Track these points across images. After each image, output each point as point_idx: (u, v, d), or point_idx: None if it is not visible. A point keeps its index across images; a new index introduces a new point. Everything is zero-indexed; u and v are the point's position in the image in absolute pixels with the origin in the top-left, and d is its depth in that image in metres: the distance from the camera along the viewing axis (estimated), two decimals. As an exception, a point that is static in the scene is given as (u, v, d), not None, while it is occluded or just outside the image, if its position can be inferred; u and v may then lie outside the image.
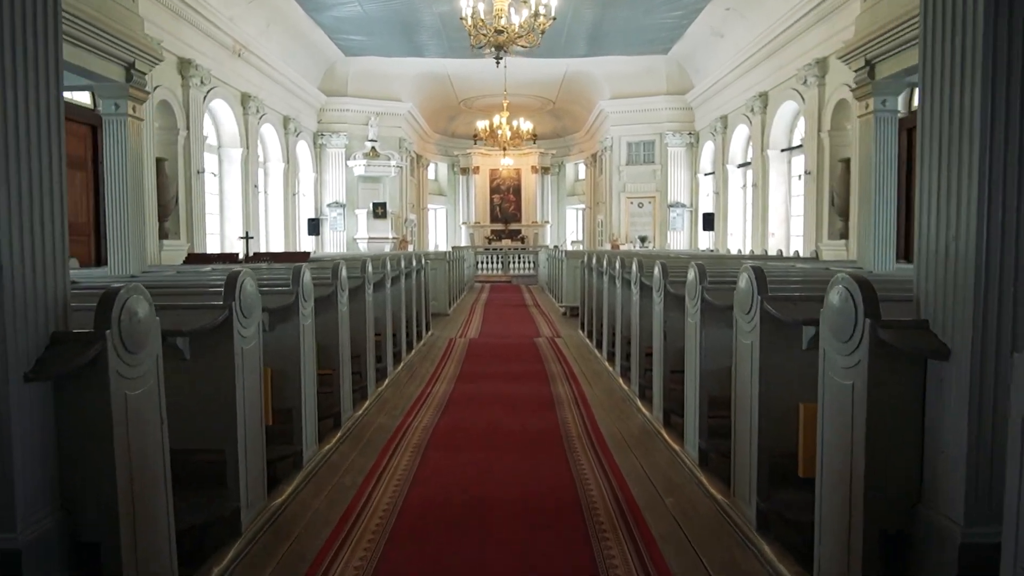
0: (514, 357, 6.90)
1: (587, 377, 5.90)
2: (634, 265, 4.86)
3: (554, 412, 4.77)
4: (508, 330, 9.07)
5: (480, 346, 7.63)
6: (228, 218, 15.87)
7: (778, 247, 15.55)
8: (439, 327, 9.44)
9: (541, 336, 8.47)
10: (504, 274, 21.27)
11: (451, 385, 5.61)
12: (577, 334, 8.59)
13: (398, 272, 6.29)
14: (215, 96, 14.37)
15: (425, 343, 7.82)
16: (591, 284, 7.70)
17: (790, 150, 15.68)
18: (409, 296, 7.00)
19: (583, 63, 21.15)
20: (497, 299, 14.41)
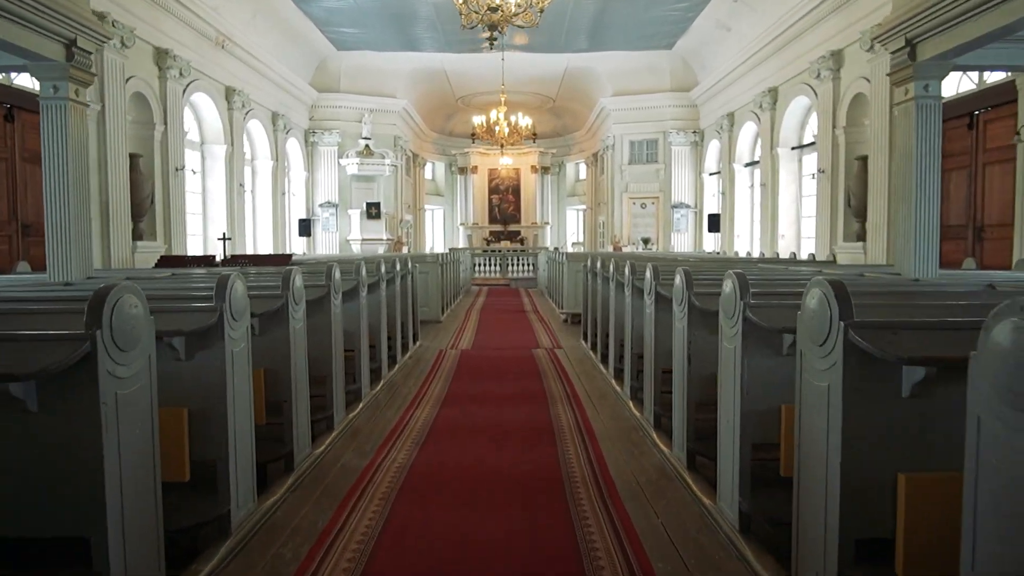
0: (509, 373, 6.17)
1: (592, 399, 5.16)
2: (648, 272, 4.15)
3: (554, 446, 4.03)
4: (504, 340, 8.34)
5: (472, 359, 6.90)
6: (211, 218, 15.13)
7: (789, 249, 14.82)
8: (429, 336, 8.71)
9: (540, 347, 7.73)
10: (502, 277, 20.53)
11: (435, 410, 4.85)
12: (579, 345, 7.85)
13: (376, 279, 5.56)
14: (196, 89, 13.64)
15: (412, 356, 7.08)
16: (595, 291, 6.97)
17: (801, 148, 14.96)
18: (392, 305, 6.27)
19: (584, 58, 20.43)
20: (494, 304, 13.67)
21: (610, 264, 5.61)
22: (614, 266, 5.51)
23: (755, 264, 8.13)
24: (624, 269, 5.01)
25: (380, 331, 5.62)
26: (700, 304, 3.26)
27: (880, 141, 10.86)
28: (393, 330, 6.36)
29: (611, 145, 22.22)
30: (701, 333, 3.38)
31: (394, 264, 6.34)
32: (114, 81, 10.54)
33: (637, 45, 19.50)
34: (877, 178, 11.00)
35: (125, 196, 10.95)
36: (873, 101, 11.07)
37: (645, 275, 4.14)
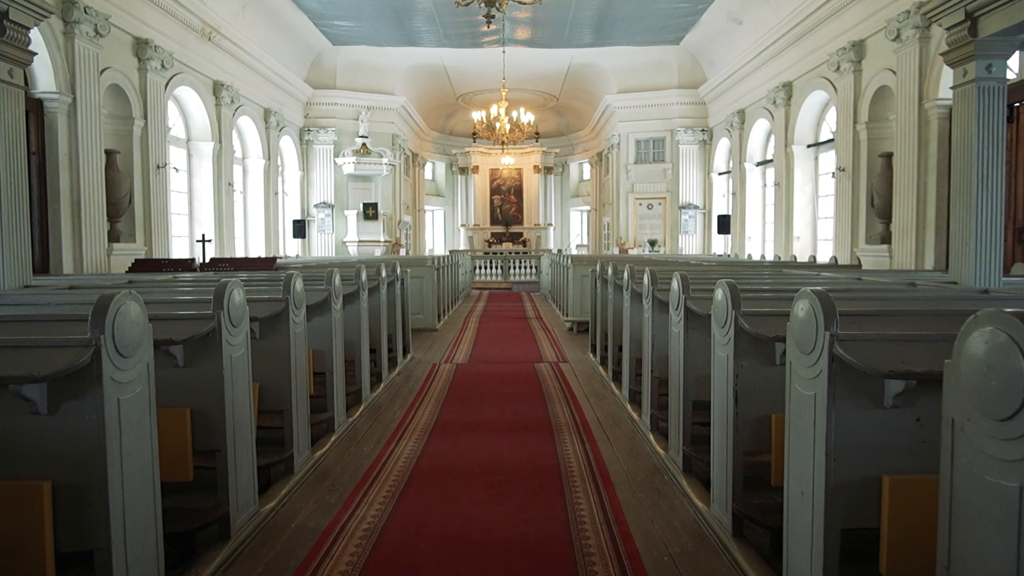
0: (509, 395, 5.44)
1: (604, 428, 4.43)
2: (675, 282, 3.41)
3: (561, 496, 3.30)
4: (504, 352, 7.61)
5: (468, 376, 6.18)
6: (198, 219, 14.43)
7: (805, 252, 14.08)
8: (423, 347, 7.98)
9: (543, 361, 7.00)
10: (504, 280, 19.80)
11: (421, 443, 4.13)
12: (587, 359, 7.12)
13: (356, 288, 4.83)
14: (180, 83, 12.94)
15: (401, 372, 6.35)
16: (605, 299, 6.24)
17: (817, 145, 14.21)
18: (376, 316, 5.55)
19: (589, 54, 19.71)
20: (494, 310, 12.94)
21: (624, 271, 4.89)
22: (629, 273, 4.79)
23: (782, 269, 7.40)
24: (643, 278, 4.28)
25: (361, 347, 4.90)
26: (752, 328, 2.55)
27: (908, 136, 10.12)
28: (378, 344, 5.64)
29: (616, 144, 21.49)
30: (752, 362, 2.66)
31: (379, 271, 5.62)
32: (87, 72, 9.84)
33: (643, 40, 18.79)
34: (904, 176, 10.26)
35: (100, 195, 10.24)
36: (899, 94, 10.33)
37: (672, 286, 3.42)
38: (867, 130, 11.52)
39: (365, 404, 4.95)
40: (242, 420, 2.89)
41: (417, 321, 9.39)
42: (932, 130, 9.73)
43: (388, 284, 6.15)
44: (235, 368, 2.83)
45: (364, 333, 4.94)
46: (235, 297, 2.88)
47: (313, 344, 4.04)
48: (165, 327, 2.63)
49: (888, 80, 10.80)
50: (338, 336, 4.22)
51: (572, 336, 9.01)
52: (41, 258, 9.47)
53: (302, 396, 3.48)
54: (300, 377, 3.48)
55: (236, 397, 2.84)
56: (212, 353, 2.72)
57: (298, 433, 3.44)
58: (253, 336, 3.12)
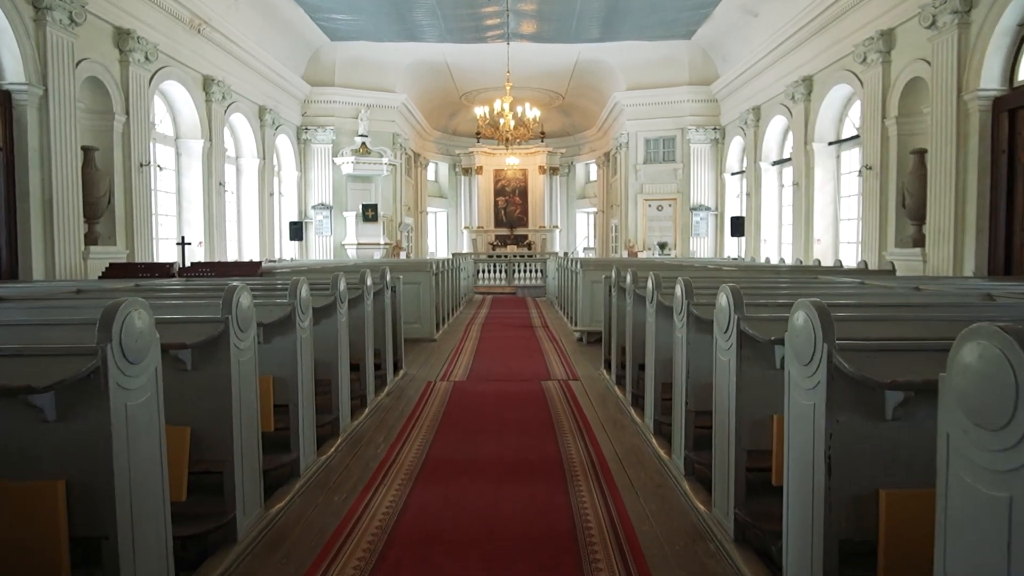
0: (512, 423, 4.68)
1: (627, 470, 3.65)
2: (724, 297, 2.66)
3: (579, 569, 2.56)
4: (508, 367, 6.87)
5: (466, 399, 5.44)
6: (187, 220, 13.76)
7: (827, 256, 13.32)
8: (418, 362, 7.25)
9: (551, 379, 6.26)
10: (508, 285, 19.06)
11: (405, 491, 3.33)
12: (600, 376, 6.37)
13: (332, 299, 4.11)
14: (167, 77, 12.27)
15: (391, 392, 5.62)
16: (621, 311, 5.51)
17: (839, 143, 13.46)
18: (360, 330, 4.83)
19: (596, 50, 18.99)
20: (498, 317, 12.20)
21: (648, 280, 4.15)
22: (655, 283, 4.05)
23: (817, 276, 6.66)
24: (675, 289, 3.54)
25: (338, 369, 4.17)
26: (853, 370, 1.84)
27: (944, 131, 9.36)
28: (363, 362, 4.91)
29: (625, 143, 20.75)
30: (853, 416, 1.98)
31: (364, 278, 4.89)
32: (60, 62, 9.16)
33: (653, 35, 18.07)
34: (940, 174, 9.50)
35: (76, 194, 9.57)
36: (934, 86, 9.57)
37: (719, 301, 2.70)
38: (897, 125, 10.75)
39: (343, 436, 4.21)
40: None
41: (413, 331, 8.67)
42: (972, 123, 8.96)
43: (375, 293, 5.43)
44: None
45: (343, 352, 4.21)
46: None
47: (275, 369, 3.32)
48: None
49: (921, 71, 10.04)
50: (305, 359, 3.50)
51: (582, 348, 8.27)
52: (9, 262, 8.80)
53: (249, 442, 2.77)
54: (246, 418, 2.78)
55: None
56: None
57: (243, 491, 2.73)
58: (183, 367, 2.44)
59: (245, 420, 2.84)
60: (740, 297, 2.72)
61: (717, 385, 2.94)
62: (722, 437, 2.88)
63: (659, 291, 4.05)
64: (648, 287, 4.20)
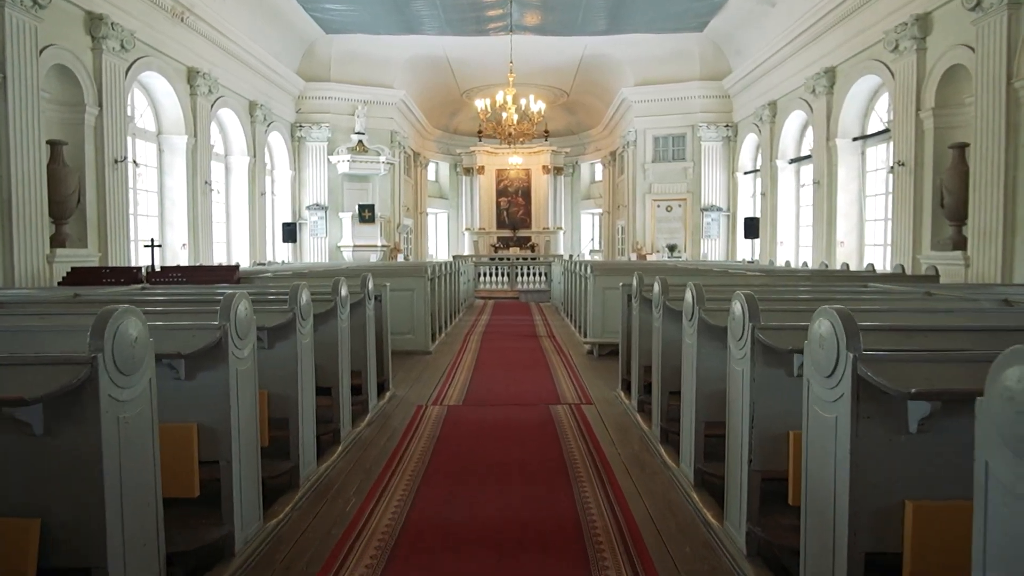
0: (516, 465, 3.79)
1: (666, 543, 2.75)
2: (828, 325, 1.84)
3: None
4: (511, 387, 6.03)
5: (461, 429, 4.59)
6: (171, 221, 12.96)
7: (852, 258, 12.47)
8: (409, 379, 6.41)
9: (561, 402, 5.42)
10: (510, 289, 18.22)
11: (377, 574, 2.55)
12: (616, 398, 5.52)
13: (290, 316, 3.27)
14: (146, 68, 11.48)
15: (372, 422, 4.78)
16: (646, 325, 4.67)
17: (865, 138, 12.61)
18: (330, 351, 4.00)
19: (603, 43, 18.17)
20: (499, 326, 11.36)
21: (689, 291, 3.31)
22: (695, 295, 3.22)
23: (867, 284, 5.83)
24: (736, 308, 2.69)
25: (300, 403, 3.34)
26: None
27: (990, 123, 8.52)
28: (336, 387, 4.08)
29: (632, 141, 19.92)
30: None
31: (338, 287, 4.06)
32: (21, 47, 8.37)
33: (663, 27, 17.24)
34: (984, 170, 8.65)
35: (40, 192, 8.77)
36: (979, 73, 8.72)
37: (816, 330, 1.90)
38: (933, 118, 9.91)
39: (304, 490, 3.36)
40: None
41: (406, 342, 7.84)
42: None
43: (354, 304, 4.60)
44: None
45: (304, 382, 3.38)
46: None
47: (201, 414, 2.50)
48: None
49: (963, 58, 9.19)
50: (244, 397, 2.66)
51: (593, 363, 7.43)
52: None
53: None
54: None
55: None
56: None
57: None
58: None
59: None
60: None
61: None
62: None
63: (701, 306, 3.21)
64: (687, 300, 3.36)
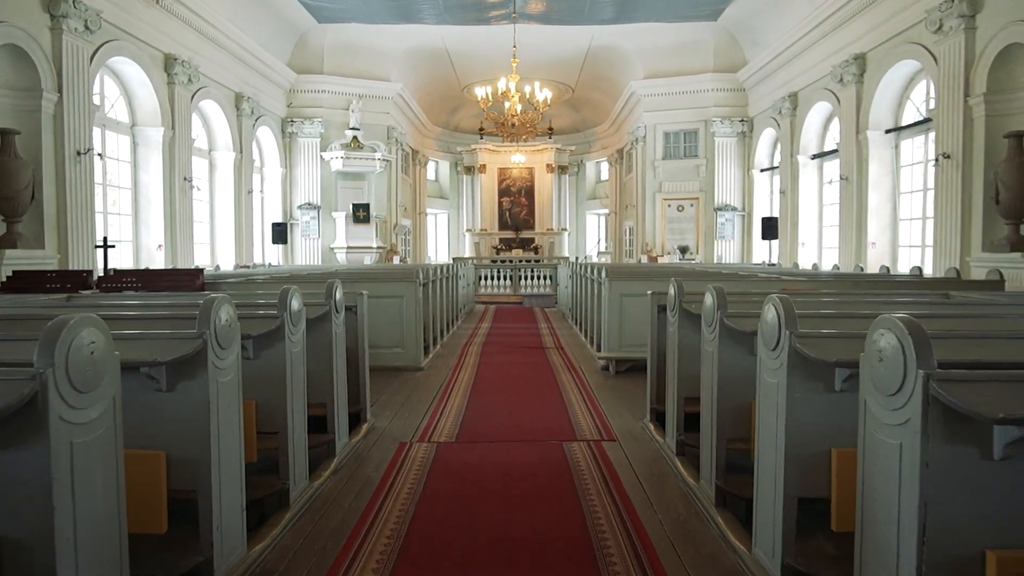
0: (523, 544, 2.68)
1: None
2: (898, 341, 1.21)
3: None
4: (514, 415, 5.01)
5: (452, 478, 3.56)
6: (146, 221, 12.00)
7: (882, 261, 11.45)
8: (394, 404, 5.40)
9: (577, 438, 4.39)
10: (513, 293, 17.22)
11: None
12: (645, 432, 4.50)
13: (198, 346, 2.29)
14: (116, 53, 10.51)
15: (339, 468, 3.73)
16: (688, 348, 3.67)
17: (899, 130, 11.59)
18: (280, 379, 3.02)
19: (611, 33, 17.18)
20: (502, 334, 10.36)
21: (770, 308, 2.31)
22: (781, 314, 2.22)
23: (949, 293, 4.84)
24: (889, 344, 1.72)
25: (210, 469, 2.33)
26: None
27: (1058, 108, 7.49)
28: (285, 431, 3.09)
29: (641, 137, 18.92)
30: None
31: (287, 300, 3.06)
32: (-39, 22, 7.40)
33: (675, 15, 16.25)
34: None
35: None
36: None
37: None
38: (985, 104, 8.90)
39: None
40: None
41: (394, 357, 6.84)
42: (1101, 96, 7.10)
43: (318, 319, 3.62)
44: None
45: (224, 433, 2.38)
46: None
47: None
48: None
49: (1020, 36, 8.19)
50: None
51: (610, 381, 6.43)
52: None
53: None
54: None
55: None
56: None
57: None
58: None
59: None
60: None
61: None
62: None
63: (793, 330, 2.21)
64: (766, 321, 2.36)
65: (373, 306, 6.85)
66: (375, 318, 6.83)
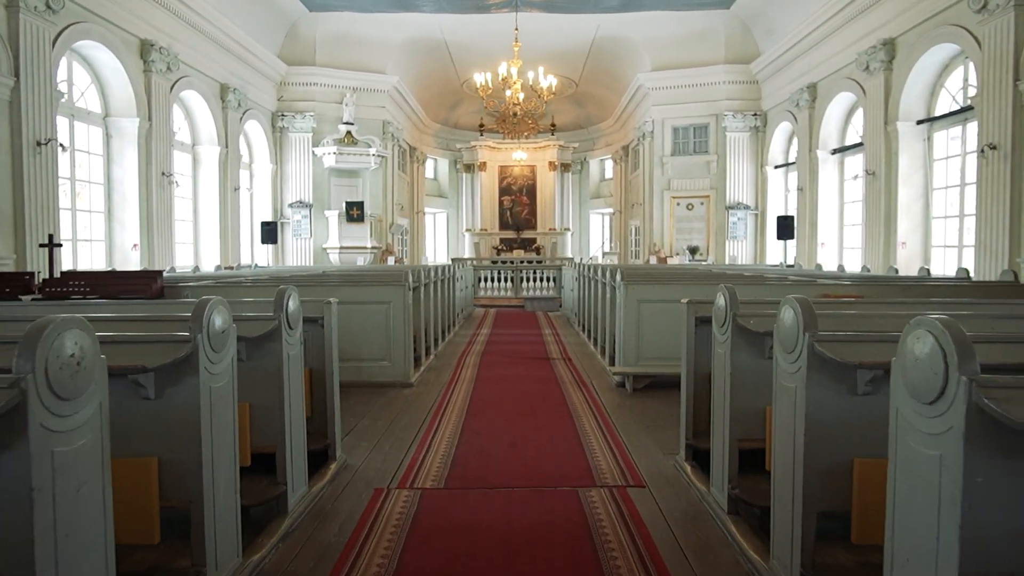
0: None
1: None
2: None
3: None
4: (518, 447, 4.12)
5: (437, 546, 2.65)
6: (120, 219, 11.16)
7: (914, 263, 10.60)
8: (374, 432, 4.54)
9: (596, 482, 3.50)
10: (514, 296, 16.36)
11: None
12: (680, 474, 3.62)
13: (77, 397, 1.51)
14: (84, 36, 9.68)
15: (290, 532, 2.82)
16: (745, 371, 2.81)
17: (931, 121, 10.74)
18: (206, 420, 2.19)
19: (617, 22, 16.34)
20: (502, 343, 9.51)
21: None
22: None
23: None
24: None
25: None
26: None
27: None
28: (199, 504, 2.25)
29: (649, 132, 18.06)
30: None
31: (202, 316, 2.21)
32: None
33: (684, 4, 15.44)
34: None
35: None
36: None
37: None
38: (1037, 89, 8.04)
39: None
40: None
41: (379, 372, 5.99)
42: None
43: (263, 339, 2.78)
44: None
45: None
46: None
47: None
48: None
49: (1081, 12, 7.33)
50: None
51: (627, 400, 5.57)
52: None
53: None
54: None
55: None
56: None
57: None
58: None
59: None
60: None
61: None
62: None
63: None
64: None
65: (356, 314, 6.01)
66: (358, 327, 5.99)
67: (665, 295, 5.96)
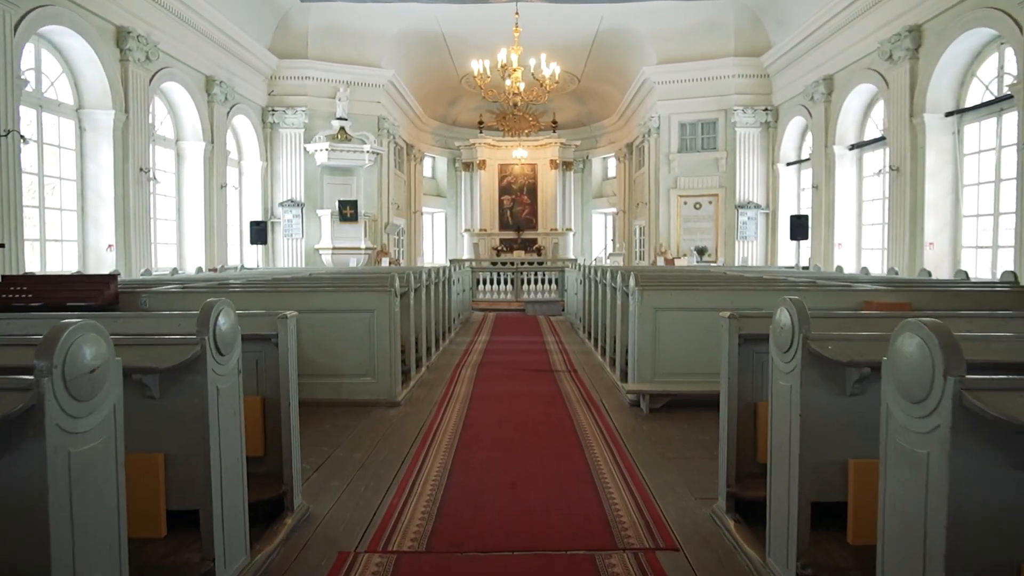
0: None
1: None
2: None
3: None
4: (518, 488, 3.40)
5: None
6: (94, 218, 10.47)
7: (942, 264, 9.91)
8: (348, 467, 3.82)
9: (616, 544, 2.78)
10: (515, 299, 15.64)
11: None
12: (722, 530, 2.89)
13: None
14: (51, 21, 9.00)
15: None
16: (818, 409, 2.12)
17: (960, 113, 10.04)
18: (52, 501, 1.55)
19: (622, 13, 15.66)
20: (501, 351, 8.80)
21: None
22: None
23: None
24: None
25: None
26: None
27: None
28: None
29: (655, 129, 17.37)
30: None
31: (53, 350, 1.55)
32: None
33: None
34: None
35: None
36: None
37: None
38: (1087, 75, 7.33)
39: None
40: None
41: (361, 389, 5.28)
42: None
43: (184, 368, 2.10)
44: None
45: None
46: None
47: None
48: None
49: None
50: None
51: (644, 424, 4.86)
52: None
53: None
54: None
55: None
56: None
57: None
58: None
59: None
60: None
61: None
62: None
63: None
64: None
65: (336, 323, 5.31)
66: (339, 339, 5.29)
67: (685, 303, 5.27)
